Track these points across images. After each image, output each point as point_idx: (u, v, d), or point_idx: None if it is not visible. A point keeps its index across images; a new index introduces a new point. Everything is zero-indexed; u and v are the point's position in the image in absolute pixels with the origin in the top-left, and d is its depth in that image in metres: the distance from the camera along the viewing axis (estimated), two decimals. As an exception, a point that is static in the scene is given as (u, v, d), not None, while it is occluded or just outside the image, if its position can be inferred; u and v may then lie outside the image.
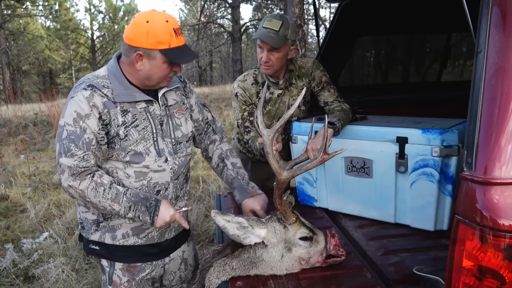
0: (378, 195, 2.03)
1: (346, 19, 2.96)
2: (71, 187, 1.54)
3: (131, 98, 1.61)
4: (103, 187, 1.55)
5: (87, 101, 1.53)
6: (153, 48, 1.51)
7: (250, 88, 2.38)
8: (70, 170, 1.52)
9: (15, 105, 13.37)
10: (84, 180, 1.54)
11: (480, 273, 1.02)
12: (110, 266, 1.76)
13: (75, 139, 1.51)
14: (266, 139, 1.53)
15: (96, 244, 1.74)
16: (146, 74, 1.58)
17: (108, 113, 1.56)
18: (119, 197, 1.55)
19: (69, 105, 1.54)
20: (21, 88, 24.90)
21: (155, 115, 1.67)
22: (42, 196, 5.15)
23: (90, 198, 1.54)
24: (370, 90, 3.48)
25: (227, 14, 21.92)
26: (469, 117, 1.06)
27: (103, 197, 1.54)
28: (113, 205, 1.55)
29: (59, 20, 26.56)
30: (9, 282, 3.14)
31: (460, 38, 3.61)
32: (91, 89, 1.55)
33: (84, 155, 1.53)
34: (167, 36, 1.51)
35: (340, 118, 2.08)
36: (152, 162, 1.66)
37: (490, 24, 1.03)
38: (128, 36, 1.54)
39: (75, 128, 1.52)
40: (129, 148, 1.61)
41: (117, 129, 1.58)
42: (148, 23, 1.49)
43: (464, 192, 1.05)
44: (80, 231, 1.80)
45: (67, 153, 1.52)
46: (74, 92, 1.56)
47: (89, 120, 1.52)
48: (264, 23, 2.18)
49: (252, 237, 1.53)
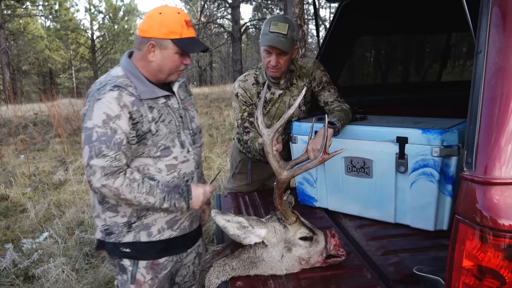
0: (378, 195, 2.03)
1: (346, 19, 2.96)
2: (105, 186, 1.54)
3: (153, 94, 1.65)
4: (137, 182, 1.57)
5: (116, 101, 1.54)
6: (165, 38, 1.57)
7: (251, 89, 2.38)
8: (103, 171, 1.52)
9: (15, 105, 13.37)
10: (118, 178, 1.55)
11: (480, 273, 1.01)
12: (134, 265, 1.77)
13: (106, 140, 1.52)
14: (266, 138, 1.53)
15: (128, 246, 1.73)
16: (157, 65, 1.62)
17: (138, 111, 1.59)
18: (153, 189, 1.59)
19: (97, 107, 1.54)
20: (21, 88, 24.90)
21: (174, 108, 1.74)
22: (42, 196, 5.15)
23: (125, 194, 1.55)
24: (370, 90, 3.48)
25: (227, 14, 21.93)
26: (469, 117, 1.06)
27: (138, 192, 1.56)
28: (148, 198, 1.58)
29: (59, 20, 26.55)
30: (9, 282, 3.14)
31: (460, 38, 3.61)
32: (118, 89, 1.57)
33: (116, 155, 1.54)
34: (179, 26, 1.57)
35: (340, 118, 2.08)
36: (179, 154, 1.72)
37: (490, 24, 1.03)
38: (141, 28, 1.60)
39: (105, 130, 1.53)
40: (160, 143, 1.65)
41: (148, 125, 1.62)
42: (160, 14, 1.57)
43: (464, 192, 1.05)
44: (104, 238, 1.75)
45: (99, 155, 1.52)
46: (99, 94, 1.56)
47: (120, 120, 1.54)
48: (270, 27, 2.15)
49: (252, 236, 1.53)
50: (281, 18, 2.19)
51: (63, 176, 5.87)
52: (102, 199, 1.70)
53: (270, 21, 2.17)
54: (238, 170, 2.77)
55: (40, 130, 9.42)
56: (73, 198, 4.89)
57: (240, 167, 2.75)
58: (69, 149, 7.70)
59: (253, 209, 2.35)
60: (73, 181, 5.61)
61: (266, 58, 2.22)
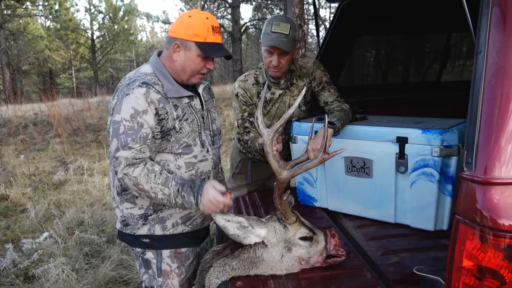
0: (378, 195, 2.03)
1: (346, 19, 2.96)
2: (126, 175, 1.58)
3: (178, 94, 1.71)
4: (154, 173, 1.60)
5: (144, 97, 1.60)
6: (189, 40, 1.64)
7: (251, 89, 2.38)
8: (127, 161, 1.58)
9: (15, 105, 13.37)
10: (138, 167, 1.59)
11: (480, 273, 1.01)
12: (157, 256, 1.81)
13: (132, 134, 1.58)
14: (266, 138, 1.53)
15: (145, 238, 1.79)
16: (181, 65, 1.69)
17: (163, 108, 1.64)
18: (168, 181, 1.60)
19: (125, 102, 1.60)
20: (21, 88, 24.90)
21: (196, 109, 1.79)
22: (42, 196, 5.15)
23: (142, 184, 1.58)
24: (370, 90, 3.47)
25: (227, 14, 21.91)
26: (469, 117, 1.06)
27: (154, 182, 1.59)
28: (164, 189, 1.59)
29: (59, 20, 26.52)
30: (9, 282, 3.14)
31: (460, 38, 3.61)
32: (146, 86, 1.63)
33: (141, 148, 1.60)
34: (204, 31, 1.64)
35: (340, 118, 2.08)
36: (198, 153, 1.77)
37: (490, 24, 1.03)
38: (171, 29, 1.68)
39: (133, 124, 1.58)
40: (182, 140, 1.71)
41: (173, 122, 1.67)
42: (190, 17, 1.64)
43: (464, 192, 1.05)
44: (122, 229, 1.82)
45: (125, 147, 1.58)
46: (128, 89, 1.62)
47: (147, 115, 1.60)
48: (272, 28, 2.15)
49: (252, 236, 1.53)
50: (282, 18, 2.18)
51: (63, 176, 5.87)
52: (121, 190, 1.76)
53: (272, 21, 2.16)
54: (238, 170, 2.77)
55: (40, 130, 9.42)
56: (73, 198, 4.89)
57: (240, 167, 2.75)
58: (69, 149, 7.70)
59: (253, 209, 2.35)
60: (73, 181, 5.61)
61: (268, 58, 2.22)
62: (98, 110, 12.86)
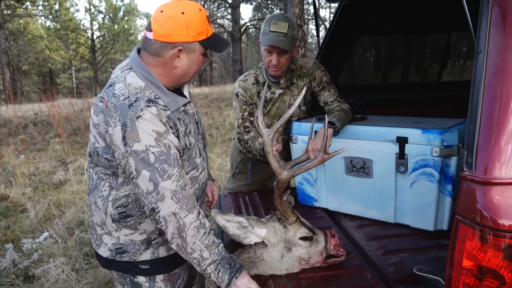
0: (378, 195, 2.03)
1: (346, 19, 2.96)
2: (176, 215, 1.36)
3: (176, 105, 1.49)
4: (204, 230, 1.41)
5: (158, 118, 1.38)
6: (193, 41, 1.42)
7: (251, 88, 2.38)
8: (175, 194, 1.35)
9: (15, 105, 13.37)
10: (192, 213, 1.39)
11: (480, 273, 1.01)
12: (150, 280, 1.63)
13: (166, 159, 1.36)
14: (266, 138, 1.53)
15: (146, 263, 1.59)
16: (183, 70, 1.47)
17: (175, 126, 1.45)
18: (213, 246, 1.41)
19: (141, 126, 1.34)
20: (21, 88, 24.90)
21: (191, 114, 1.60)
22: (42, 196, 5.15)
23: (187, 235, 1.38)
24: (370, 90, 3.47)
25: (227, 14, 21.94)
26: (469, 117, 1.06)
27: (200, 241, 1.39)
28: (204, 251, 1.39)
29: (59, 20, 26.54)
30: (9, 282, 3.14)
31: (460, 38, 3.61)
32: (153, 104, 1.39)
33: (179, 172, 1.39)
34: (204, 26, 1.44)
35: (340, 118, 2.08)
36: (199, 163, 1.61)
37: (490, 24, 1.03)
38: (162, 33, 1.39)
39: (161, 148, 1.36)
40: (191, 156, 1.55)
41: (184, 140, 1.49)
42: (184, 15, 1.39)
43: (464, 192, 1.05)
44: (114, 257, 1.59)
45: (164, 176, 1.35)
46: (136, 111, 1.35)
47: (169, 135, 1.39)
48: (270, 27, 2.14)
49: (252, 236, 1.53)
50: (281, 17, 2.18)
51: (63, 176, 5.87)
52: (119, 218, 1.53)
53: (270, 20, 2.16)
54: (238, 170, 2.77)
55: (40, 130, 9.42)
56: (73, 198, 4.89)
57: (240, 167, 2.75)
58: (69, 149, 7.70)
59: (253, 209, 2.35)
60: (73, 181, 5.60)
61: (267, 58, 2.22)
62: (98, 110, 12.81)
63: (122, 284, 1.66)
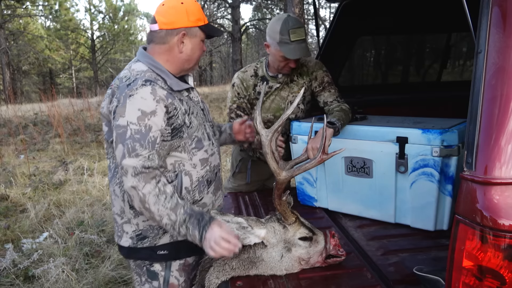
0: (378, 195, 2.03)
1: (346, 19, 2.96)
2: (135, 188, 1.45)
3: (180, 86, 1.61)
4: (165, 195, 1.48)
5: (152, 96, 1.47)
6: (194, 26, 1.59)
7: (249, 79, 2.43)
8: (134, 170, 1.45)
9: (15, 105, 13.38)
10: (149, 183, 1.46)
11: (480, 273, 1.01)
12: (166, 268, 1.69)
13: (140, 138, 1.45)
14: (264, 139, 1.53)
15: (164, 248, 1.66)
16: (187, 55, 1.62)
17: (172, 104, 1.53)
18: (178, 207, 1.48)
19: (130, 103, 1.46)
20: (21, 88, 24.88)
21: (195, 101, 1.71)
22: (42, 196, 5.15)
23: (149, 204, 1.46)
24: (370, 90, 3.47)
25: (227, 14, 21.93)
26: (469, 117, 1.06)
27: (163, 206, 1.47)
28: (171, 214, 1.47)
29: (59, 20, 26.53)
30: (9, 282, 3.14)
31: (460, 38, 3.61)
32: (150, 83, 1.50)
33: (149, 154, 1.47)
34: (201, 13, 1.62)
35: (340, 118, 2.08)
36: (207, 147, 1.69)
37: (490, 24, 1.03)
38: (165, 21, 1.56)
39: (140, 127, 1.46)
40: (194, 135, 1.62)
41: (183, 117, 1.57)
42: (183, 4, 1.57)
43: (464, 192, 1.05)
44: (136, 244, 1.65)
45: (131, 153, 1.45)
46: (131, 90, 1.48)
47: (155, 117, 1.47)
48: (290, 36, 2.14)
49: (251, 237, 1.53)
50: (295, 22, 2.19)
51: (63, 176, 5.88)
52: None
53: (288, 29, 2.15)
54: (239, 170, 2.76)
55: (40, 130, 9.43)
56: (73, 198, 4.89)
57: (240, 166, 2.75)
58: (69, 149, 7.70)
59: (253, 209, 2.35)
60: (73, 181, 5.61)
61: (284, 62, 2.26)
62: (98, 110, 12.83)
63: (139, 274, 1.71)
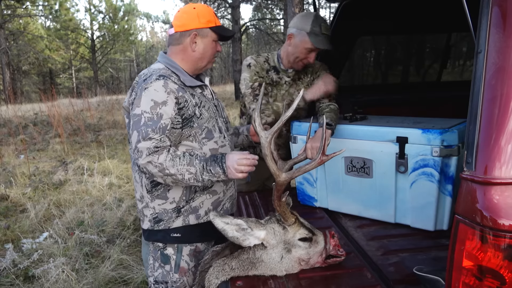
0: (378, 195, 2.03)
1: (346, 19, 2.96)
2: (151, 162, 1.62)
3: (193, 83, 1.79)
4: (178, 157, 1.66)
5: (163, 88, 1.66)
6: (205, 27, 1.77)
7: (262, 63, 2.47)
8: (148, 151, 1.62)
9: (15, 105, 13.38)
10: (162, 154, 1.63)
11: (480, 273, 1.01)
12: (177, 252, 1.84)
13: (152, 124, 1.63)
14: (264, 141, 1.53)
15: (178, 231, 1.82)
16: (200, 54, 1.80)
17: (183, 97, 1.70)
18: (192, 160, 1.67)
19: (145, 95, 1.66)
20: (21, 88, 24.87)
21: (208, 98, 1.88)
22: (42, 196, 5.15)
23: (169, 169, 1.63)
24: (370, 90, 3.48)
25: (227, 14, 21.90)
26: (469, 117, 1.06)
27: (180, 164, 1.64)
28: (190, 168, 1.65)
29: (59, 20, 26.51)
30: (9, 282, 3.14)
31: (460, 38, 3.61)
32: (163, 78, 1.69)
33: (161, 137, 1.65)
34: (212, 16, 1.80)
35: (332, 119, 2.12)
36: (218, 138, 1.84)
37: (490, 24, 1.03)
38: (179, 24, 1.77)
39: (152, 115, 1.64)
40: (204, 126, 1.78)
41: (193, 109, 1.74)
42: (195, 9, 1.78)
43: (464, 192, 1.04)
44: (153, 227, 1.83)
45: (145, 138, 1.62)
46: (146, 84, 1.68)
47: (166, 106, 1.65)
48: (322, 29, 2.24)
49: (251, 238, 1.53)
50: (319, 18, 2.28)
51: (63, 176, 5.87)
52: (151, 187, 1.79)
53: (320, 23, 2.25)
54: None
55: (40, 130, 9.43)
56: (73, 198, 4.89)
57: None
58: (69, 149, 7.70)
59: (253, 209, 2.35)
60: (73, 181, 5.61)
61: (305, 55, 2.30)
62: (98, 110, 12.87)
63: (154, 258, 1.87)
